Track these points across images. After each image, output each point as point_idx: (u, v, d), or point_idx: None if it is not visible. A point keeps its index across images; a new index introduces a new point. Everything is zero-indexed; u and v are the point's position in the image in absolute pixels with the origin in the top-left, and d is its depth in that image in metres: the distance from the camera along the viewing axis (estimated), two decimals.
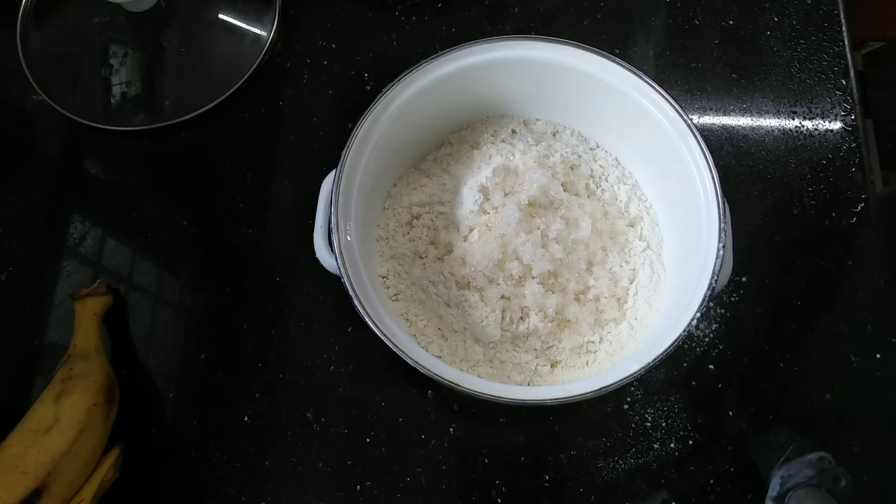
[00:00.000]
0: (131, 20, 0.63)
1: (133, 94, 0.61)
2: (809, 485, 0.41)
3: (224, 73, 0.60)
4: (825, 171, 0.56)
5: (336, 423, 0.50)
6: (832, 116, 0.58)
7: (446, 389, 0.49)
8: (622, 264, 0.48)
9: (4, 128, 0.61)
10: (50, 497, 0.43)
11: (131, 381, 0.52)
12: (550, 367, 0.47)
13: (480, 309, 0.45)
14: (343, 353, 0.52)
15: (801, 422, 0.49)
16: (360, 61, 0.61)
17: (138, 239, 0.57)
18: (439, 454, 0.49)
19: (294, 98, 0.61)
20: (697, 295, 0.40)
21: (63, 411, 0.45)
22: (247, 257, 0.56)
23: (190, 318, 0.54)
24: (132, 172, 0.59)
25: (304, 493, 0.49)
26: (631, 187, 0.51)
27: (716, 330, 0.52)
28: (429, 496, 0.48)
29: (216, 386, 0.52)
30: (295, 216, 0.56)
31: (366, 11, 0.63)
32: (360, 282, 0.41)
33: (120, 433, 0.49)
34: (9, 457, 0.43)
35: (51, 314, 0.55)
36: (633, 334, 0.47)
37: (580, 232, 0.47)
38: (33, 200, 0.58)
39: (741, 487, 0.48)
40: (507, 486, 0.48)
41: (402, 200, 0.51)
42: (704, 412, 0.50)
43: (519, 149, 0.51)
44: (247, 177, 0.58)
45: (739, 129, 0.58)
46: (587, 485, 0.48)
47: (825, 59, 0.60)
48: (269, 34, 0.61)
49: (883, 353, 0.51)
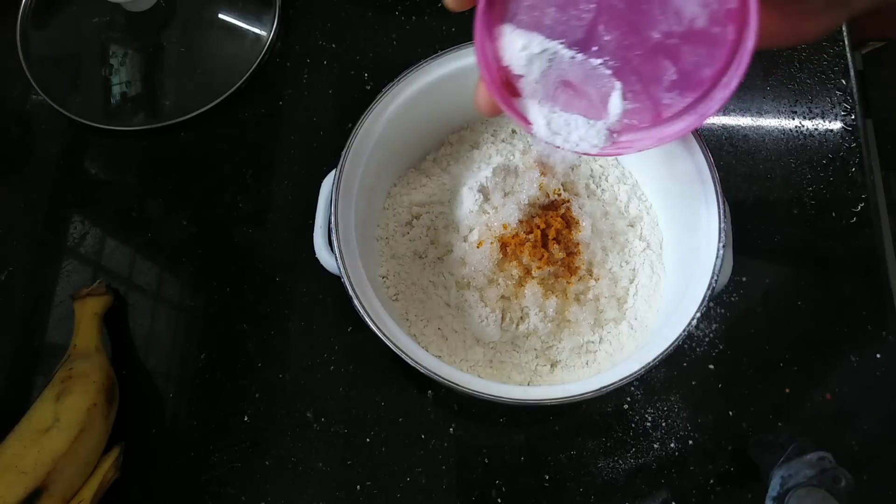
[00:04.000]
0: (131, 20, 0.63)
1: (133, 94, 0.61)
2: (809, 485, 0.41)
3: (224, 73, 0.60)
4: (825, 171, 0.56)
5: (336, 423, 0.50)
6: (832, 116, 0.58)
7: (446, 389, 0.49)
8: (622, 264, 0.48)
9: (4, 128, 0.61)
10: (50, 497, 0.43)
11: (131, 381, 0.52)
12: (550, 367, 0.47)
13: (480, 309, 0.45)
14: (343, 353, 0.52)
15: (801, 422, 0.49)
16: (360, 61, 0.61)
17: (138, 239, 0.57)
18: (439, 454, 0.49)
19: (294, 98, 0.61)
20: (697, 295, 0.40)
21: (63, 411, 0.45)
22: (247, 257, 0.56)
23: (190, 318, 0.54)
24: (132, 172, 0.59)
25: (304, 493, 0.49)
26: (631, 187, 0.51)
27: (716, 330, 0.52)
28: (429, 496, 0.48)
29: (216, 386, 0.52)
30: (295, 216, 0.56)
31: (366, 11, 0.63)
32: (360, 282, 0.41)
33: (120, 433, 0.49)
34: (9, 457, 0.43)
35: (51, 314, 0.55)
36: (633, 334, 0.47)
37: (580, 232, 0.47)
38: (33, 200, 0.58)
39: (741, 487, 0.48)
40: (507, 486, 0.48)
41: (402, 200, 0.51)
42: (704, 412, 0.50)
43: (519, 149, 0.51)
44: (247, 177, 0.58)
45: (739, 129, 0.58)
46: (587, 485, 0.48)
47: (825, 59, 0.60)
48: (269, 34, 0.61)
49: (883, 353, 0.51)
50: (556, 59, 0.29)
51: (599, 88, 0.29)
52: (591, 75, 0.29)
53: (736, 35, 0.26)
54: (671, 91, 0.29)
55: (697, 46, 0.27)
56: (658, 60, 0.28)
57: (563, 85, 0.30)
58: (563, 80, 0.29)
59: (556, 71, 0.29)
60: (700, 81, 0.28)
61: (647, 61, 0.28)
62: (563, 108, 0.31)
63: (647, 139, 0.31)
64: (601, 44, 0.28)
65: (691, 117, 0.29)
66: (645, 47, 0.28)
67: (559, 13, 0.28)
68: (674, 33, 0.27)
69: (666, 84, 0.29)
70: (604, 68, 0.28)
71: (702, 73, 0.28)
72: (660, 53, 0.28)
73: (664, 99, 0.29)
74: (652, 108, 0.30)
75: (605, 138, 0.31)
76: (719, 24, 0.26)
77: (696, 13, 0.26)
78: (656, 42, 0.27)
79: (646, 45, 0.27)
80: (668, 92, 0.29)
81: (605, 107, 0.30)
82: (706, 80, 0.28)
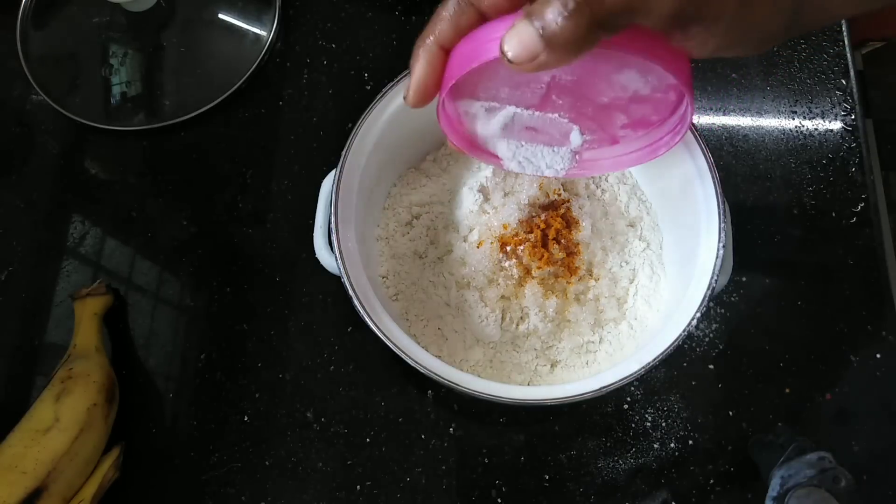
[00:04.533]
0: (131, 20, 0.63)
1: (133, 94, 0.61)
2: (809, 485, 0.41)
3: (224, 73, 0.60)
4: (825, 171, 0.56)
5: (336, 423, 0.50)
6: (832, 116, 0.58)
7: (446, 389, 0.49)
8: (622, 264, 0.48)
9: (4, 128, 0.61)
10: (50, 497, 0.43)
11: (131, 381, 0.52)
12: (550, 367, 0.47)
13: (480, 309, 0.45)
14: (343, 353, 0.52)
15: (801, 422, 0.49)
16: (360, 61, 0.61)
17: (138, 239, 0.57)
18: (439, 454, 0.49)
19: (294, 98, 0.61)
20: (697, 295, 0.40)
21: (63, 411, 0.45)
22: (247, 257, 0.56)
23: (190, 318, 0.54)
24: (132, 172, 0.59)
25: (304, 493, 0.49)
26: (631, 187, 0.51)
27: (716, 330, 0.52)
28: (429, 496, 0.48)
29: (216, 386, 0.52)
30: (295, 216, 0.56)
31: (366, 11, 0.63)
32: (360, 282, 0.41)
33: (120, 433, 0.49)
34: (9, 457, 0.43)
35: (51, 314, 0.55)
36: (633, 334, 0.47)
37: (580, 232, 0.47)
38: (33, 200, 0.58)
39: (741, 487, 0.48)
40: (507, 486, 0.48)
41: (402, 200, 0.51)
42: (704, 412, 0.50)
43: None
44: (247, 177, 0.58)
45: (739, 129, 0.58)
46: (587, 485, 0.48)
47: (825, 59, 0.60)
48: (269, 34, 0.61)
49: (883, 353, 0.51)
50: (514, 117, 0.32)
51: (560, 128, 0.33)
52: (550, 123, 0.32)
53: (677, 97, 0.29)
54: (625, 129, 0.33)
55: (643, 105, 0.31)
56: (609, 112, 0.32)
57: (525, 129, 0.33)
58: (526, 126, 0.33)
59: (518, 122, 0.32)
60: (650, 122, 0.32)
61: (600, 113, 0.32)
62: (527, 141, 0.34)
63: (607, 158, 0.35)
64: (555, 106, 0.32)
65: (645, 148, 0.33)
66: (595, 106, 0.31)
67: (513, 91, 0.31)
68: (620, 98, 0.30)
69: (619, 125, 0.33)
70: (560, 119, 0.32)
71: (650, 118, 0.32)
72: (610, 108, 0.31)
73: (619, 133, 0.33)
74: (609, 139, 0.34)
75: (570, 160, 0.34)
76: (661, 91, 0.29)
77: (639, 86, 0.29)
78: (606, 104, 0.31)
79: (596, 105, 0.31)
80: (622, 129, 0.33)
81: (566, 140, 0.33)
82: (655, 122, 0.32)
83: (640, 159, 0.34)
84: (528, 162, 0.34)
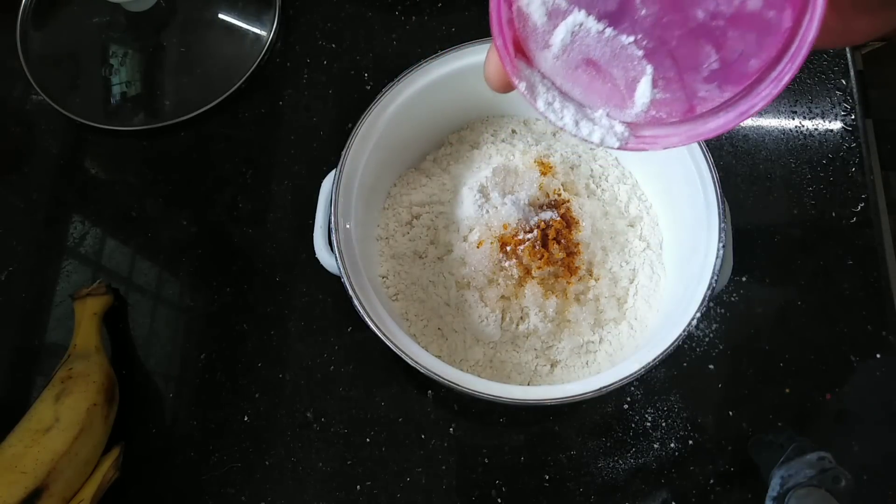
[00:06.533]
0: (131, 20, 0.63)
1: (133, 94, 0.61)
2: (809, 485, 0.41)
3: (224, 73, 0.60)
4: (825, 171, 0.56)
5: (336, 423, 0.50)
6: (832, 116, 0.58)
7: (446, 389, 0.49)
8: (622, 264, 0.48)
9: (4, 128, 0.61)
10: (50, 497, 0.43)
11: (131, 381, 0.52)
12: (550, 367, 0.47)
13: (480, 309, 0.45)
14: (343, 353, 0.52)
15: (801, 422, 0.49)
16: (360, 61, 0.61)
17: (138, 239, 0.57)
18: (439, 454, 0.49)
19: (294, 98, 0.61)
20: (697, 295, 0.40)
21: (63, 411, 0.45)
22: (247, 257, 0.56)
23: (190, 318, 0.54)
24: (132, 172, 0.59)
25: (304, 493, 0.49)
26: (631, 187, 0.51)
27: (716, 330, 0.52)
28: (429, 496, 0.48)
29: (216, 386, 0.52)
30: (295, 216, 0.56)
31: (366, 11, 0.63)
32: (360, 282, 0.41)
33: (120, 433, 0.49)
34: (9, 457, 0.43)
35: (51, 314, 0.55)
36: (632, 334, 0.47)
37: (580, 232, 0.47)
38: (33, 200, 0.58)
39: (741, 487, 0.48)
40: (507, 486, 0.48)
41: (402, 200, 0.51)
42: (704, 412, 0.50)
43: (519, 149, 0.51)
44: (247, 177, 0.58)
45: (739, 129, 0.58)
46: (587, 485, 0.48)
47: (825, 59, 0.60)
48: (269, 34, 0.61)
49: (883, 353, 0.51)
50: (580, 32, 0.25)
51: (627, 72, 0.26)
52: (620, 55, 0.25)
53: (792, 23, 0.23)
54: (709, 82, 0.25)
55: (746, 32, 0.24)
56: (699, 44, 0.24)
57: (585, 64, 0.26)
58: (587, 58, 0.26)
59: (580, 46, 0.25)
60: (744, 74, 0.25)
61: (687, 45, 0.24)
62: (583, 90, 0.27)
63: (675, 135, 0.27)
64: (636, 19, 0.24)
65: (730, 114, 0.25)
66: (686, 27, 0.24)
67: None
68: (721, 14, 0.23)
69: (705, 74, 0.25)
70: (635, 48, 0.25)
71: (747, 63, 0.24)
72: (702, 36, 0.24)
73: (700, 91, 0.26)
74: (685, 100, 0.26)
75: (623, 132, 0.27)
76: (776, 7, 0.23)
77: None
78: (700, 23, 0.24)
79: (687, 25, 0.24)
80: (705, 83, 0.25)
81: (631, 94, 0.26)
82: (751, 73, 0.24)
83: (720, 129, 0.26)
84: (567, 110, 0.27)
